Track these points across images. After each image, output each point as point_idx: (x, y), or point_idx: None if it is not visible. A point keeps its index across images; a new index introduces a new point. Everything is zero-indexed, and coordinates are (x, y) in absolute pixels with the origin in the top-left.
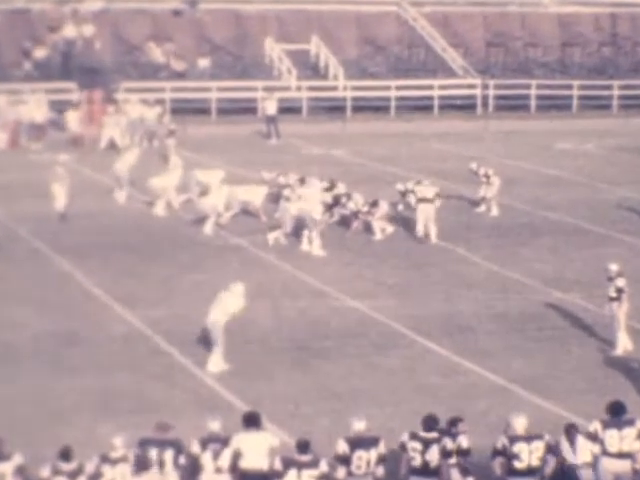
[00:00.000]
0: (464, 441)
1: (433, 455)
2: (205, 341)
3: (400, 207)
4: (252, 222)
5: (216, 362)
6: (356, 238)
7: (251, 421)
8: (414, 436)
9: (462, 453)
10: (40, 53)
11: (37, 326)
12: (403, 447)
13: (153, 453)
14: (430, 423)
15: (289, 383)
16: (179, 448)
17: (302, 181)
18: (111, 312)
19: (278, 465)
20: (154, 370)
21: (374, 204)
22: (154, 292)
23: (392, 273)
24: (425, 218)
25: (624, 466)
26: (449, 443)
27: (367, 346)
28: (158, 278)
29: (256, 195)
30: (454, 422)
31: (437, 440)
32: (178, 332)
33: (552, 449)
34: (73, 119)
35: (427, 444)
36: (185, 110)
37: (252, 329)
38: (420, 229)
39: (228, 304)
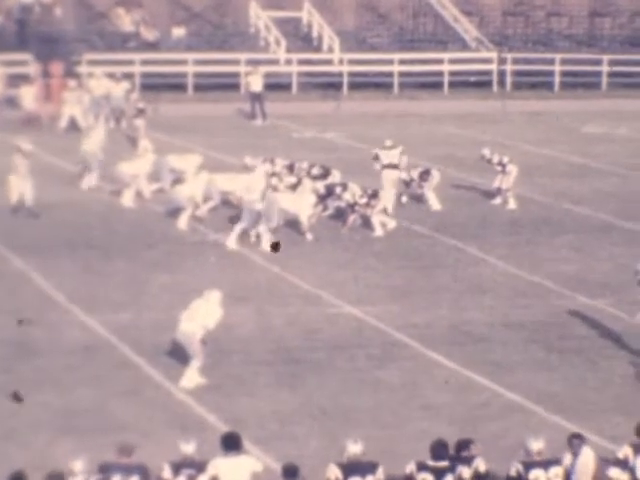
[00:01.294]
0: (481, 464)
1: None
2: (178, 351)
3: (404, 199)
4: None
5: (191, 377)
6: (353, 235)
7: (231, 443)
8: (422, 467)
9: (480, 478)
10: None
11: None
12: None
13: None
14: (440, 450)
15: (275, 400)
16: (145, 474)
17: (291, 168)
18: (70, 317)
19: None
20: (119, 384)
21: (374, 195)
22: (120, 295)
23: (394, 275)
24: (391, 186)
25: None
26: (465, 471)
27: (365, 358)
28: (125, 279)
29: (239, 184)
30: (465, 445)
31: (450, 469)
32: (147, 341)
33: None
34: (28, 95)
35: (439, 475)
36: (157, 86)
37: (233, 338)
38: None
39: (202, 315)
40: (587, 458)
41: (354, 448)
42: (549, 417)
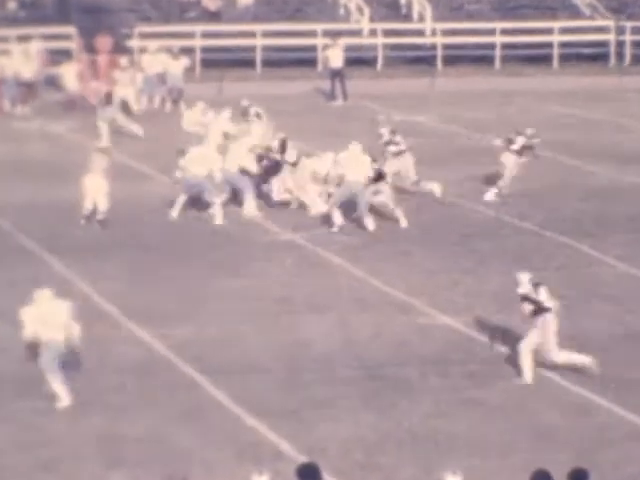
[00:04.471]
0: None
1: None
2: (246, 370)
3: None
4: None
5: None
6: (449, 232)
7: (308, 475)
8: None
9: None
10: None
11: (23, 348)
12: None
13: None
14: None
15: (359, 424)
16: None
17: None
18: (123, 331)
19: None
20: (178, 408)
21: None
22: (179, 304)
23: (496, 279)
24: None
25: None
26: None
27: (462, 376)
28: (185, 286)
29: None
30: (583, 476)
31: None
32: (210, 357)
33: None
34: (70, 74)
35: None
36: (221, 62)
37: (310, 353)
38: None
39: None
40: None
41: None
42: None
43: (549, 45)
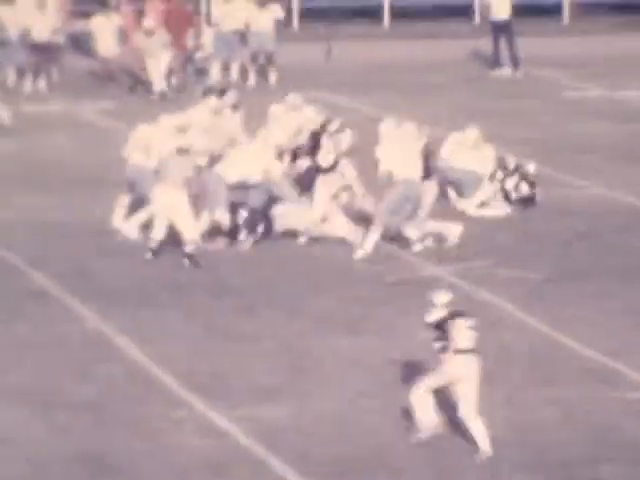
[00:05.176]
0: None
1: None
2: (374, 469)
3: None
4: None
5: None
6: None
7: None
8: None
9: None
10: None
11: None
12: None
13: None
14: None
15: None
16: None
17: None
18: (185, 412)
19: None
20: None
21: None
22: (270, 373)
23: None
24: None
25: None
26: None
27: None
28: (278, 346)
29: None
30: None
31: None
32: (318, 451)
33: None
34: (107, 33)
35: None
36: (330, 12)
37: (463, 442)
38: None
39: None
40: None
41: None
42: None
43: None
